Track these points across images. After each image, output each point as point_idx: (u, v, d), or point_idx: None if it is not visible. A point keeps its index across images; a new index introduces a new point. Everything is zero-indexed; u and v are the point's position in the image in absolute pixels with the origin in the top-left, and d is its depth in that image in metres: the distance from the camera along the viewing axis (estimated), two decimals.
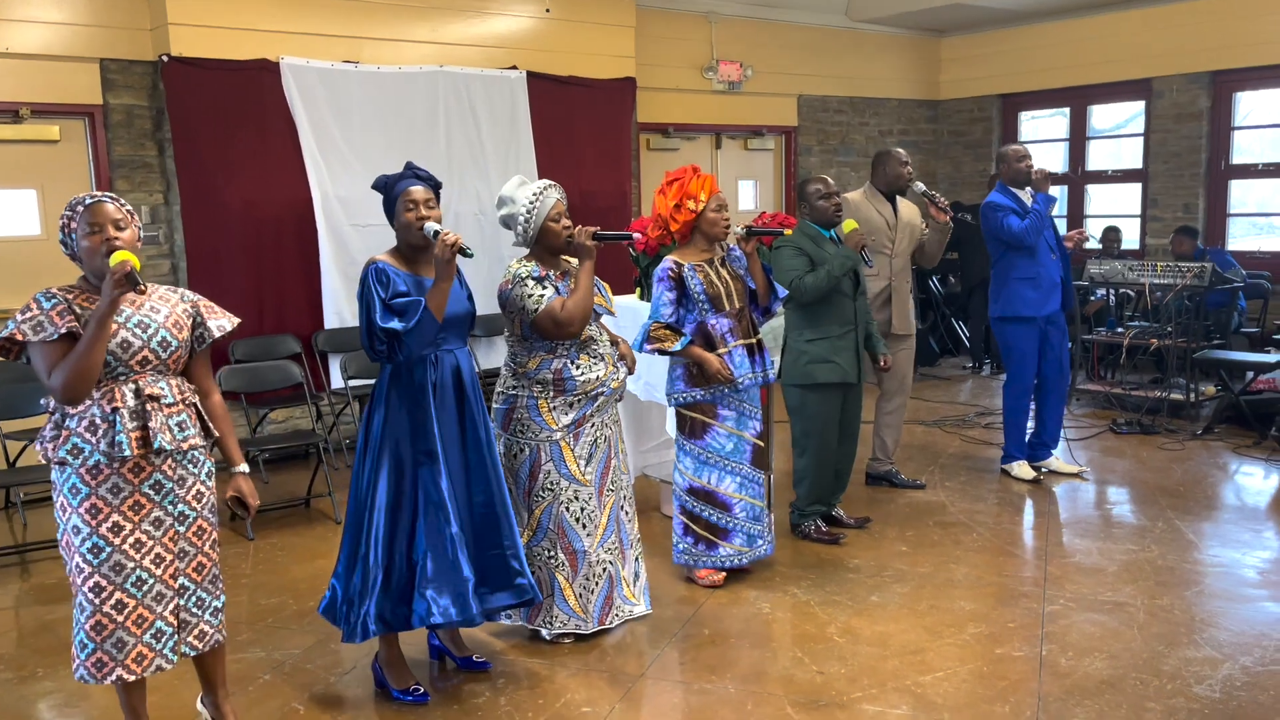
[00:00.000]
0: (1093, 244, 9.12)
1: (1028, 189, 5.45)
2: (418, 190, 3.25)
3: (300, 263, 6.46)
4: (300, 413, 6.54)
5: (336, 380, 6.41)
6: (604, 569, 3.78)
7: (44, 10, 5.84)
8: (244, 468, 3.01)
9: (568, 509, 3.67)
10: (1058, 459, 5.79)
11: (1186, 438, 6.44)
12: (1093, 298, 7.92)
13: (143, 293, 2.74)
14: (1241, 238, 8.86)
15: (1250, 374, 6.72)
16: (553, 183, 3.67)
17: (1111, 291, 7.87)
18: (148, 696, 3.03)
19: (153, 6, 6.09)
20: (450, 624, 3.34)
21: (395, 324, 3.12)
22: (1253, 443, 6.26)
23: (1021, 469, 5.66)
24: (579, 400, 3.64)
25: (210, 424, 2.93)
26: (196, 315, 2.93)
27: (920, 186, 5.27)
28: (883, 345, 4.86)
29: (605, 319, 3.89)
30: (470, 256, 3.17)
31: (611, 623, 3.83)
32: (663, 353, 4.09)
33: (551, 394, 3.62)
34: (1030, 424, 5.75)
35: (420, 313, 3.11)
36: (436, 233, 3.17)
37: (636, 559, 3.95)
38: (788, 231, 4.36)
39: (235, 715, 3.13)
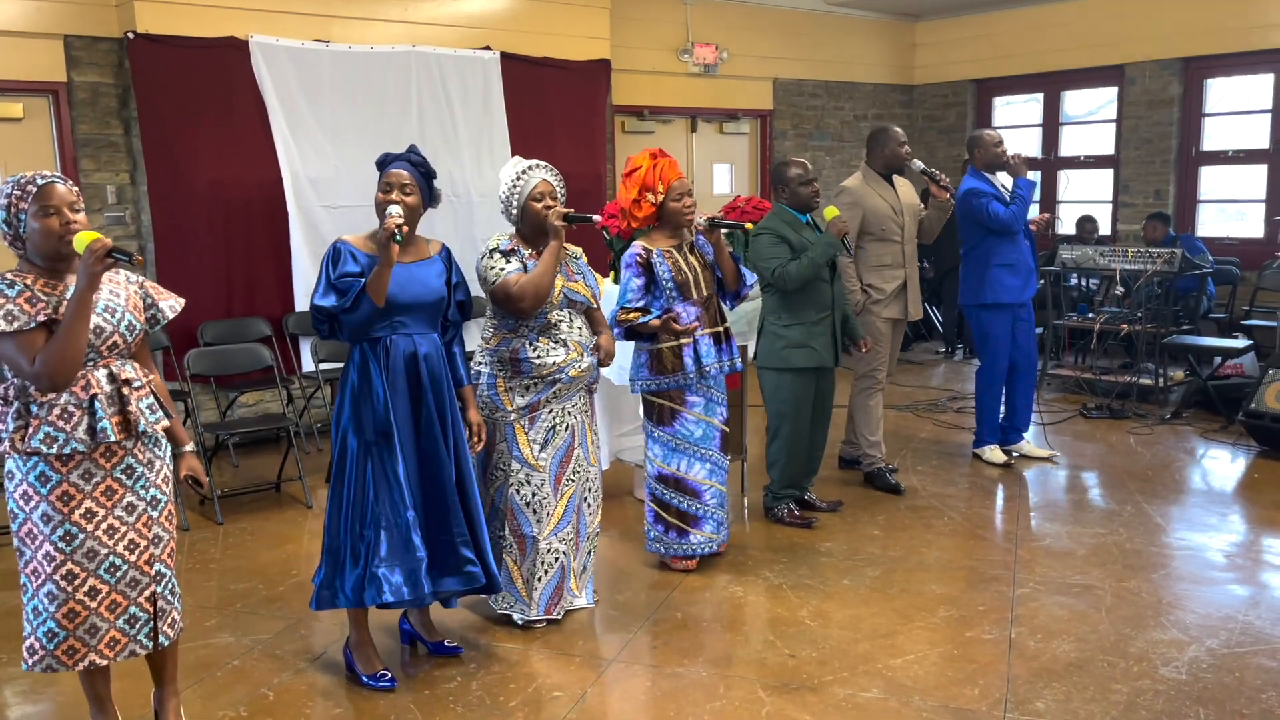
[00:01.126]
0: (1063, 230, 9.18)
1: (1002, 174, 5.46)
2: (397, 173, 3.23)
3: (270, 244, 6.38)
4: (270, 396, 6.48)
5: (307, 363, 6.35)
6: (556, 558, 3.75)
7: None
8: (191, 446, 3.02)
9: (518, 492, 3.67)
10: (1029, 443, 5.83)
11: (1155, 422, 6.51)
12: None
13: (140, 263, 2.68)
14: (1211, 223, 8.94)
15: (1218, 359, 6.79)
16: (543, 163, 3.66)
17: (1085, 278, 7.93)
18: (114, 683, 3.00)
19: None
20: (402, 603, 3.32)
21: (328, 301, 3.17)
22: (1220, 427, 6.33)
23: (993, 453, 5.69)
24: (535, 384, 3.62)
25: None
26: (146, 297, 2.89)
27: (919, 164, 5.13)
28: (860, 329, 4.86)
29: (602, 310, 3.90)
30: (399, 241, 3.10)
31: (558, 614, 3.80)
32: (631, 330, 4.04)
33: (509, 374, 3.61)
34: (1001, 409, 5.79)
35: (355, 295, 3.13)
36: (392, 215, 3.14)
37: (589, 553, 3.93)
38: (749, 225, 4.31)
39: (179, 716, 3.07)
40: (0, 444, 2.67)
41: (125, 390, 2.72)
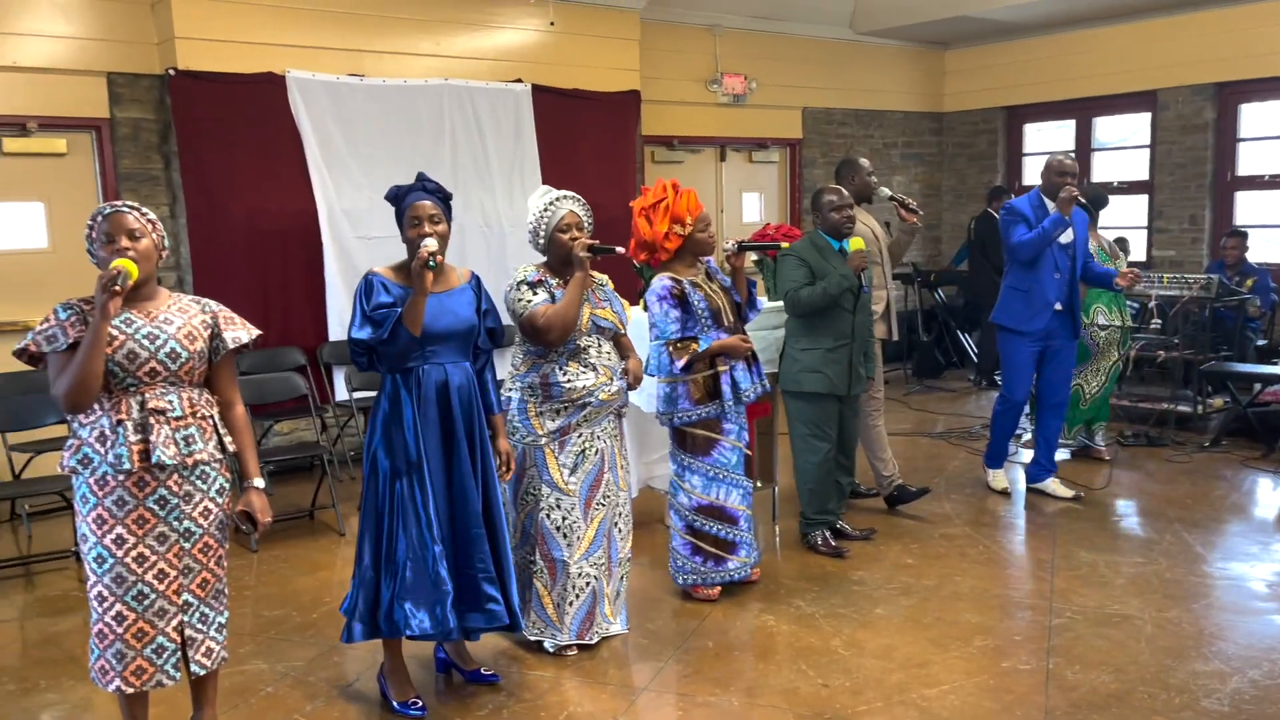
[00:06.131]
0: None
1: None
2: (423, 205, 3.25)
3: (305, 275, 6.46)
4: (305, 425, 6.54)
5: (341, 392, 6.42)
6: (587, 583, 3.74)
7: (51, 24, 5.88)
8: (259, 482, 2.99)
9: (548, 516, 3.67)
10: (1055, 482, 5.56)
11: (1194, 450, 6.41)
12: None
13: (120, 293, 2.62)
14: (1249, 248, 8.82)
15: (1258, 386, 6.69)
16: (572, 194, 3.70)
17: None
18: (151, 709, 3.02)
19: (160, 21, 6.13)
20: (425, 637, 3.32)
21: (364, 334, 3.19)
22: (1261, 455, 6.23)
23: (995, 479, 5.66)
24: (565, 408, 3.64)
25: (228, 436, 2.92)
26: (214, 326, 2.93)
27: (886, 192, 5.24)
28: (871, 367, 4.90)
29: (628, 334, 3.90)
30: (433, 269, 3.10)
31: (590, 639, 3.79)
32: (690, 365, 4.05)
33: (539, 399, 3.64)
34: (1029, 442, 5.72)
35: (391, 325, 3.15)
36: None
37: (622, 578, 3.92)
38: (784, 245, 4.36)
39: None
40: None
41: (153, 420, 2.73)
